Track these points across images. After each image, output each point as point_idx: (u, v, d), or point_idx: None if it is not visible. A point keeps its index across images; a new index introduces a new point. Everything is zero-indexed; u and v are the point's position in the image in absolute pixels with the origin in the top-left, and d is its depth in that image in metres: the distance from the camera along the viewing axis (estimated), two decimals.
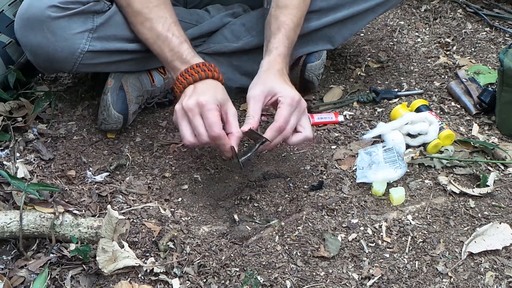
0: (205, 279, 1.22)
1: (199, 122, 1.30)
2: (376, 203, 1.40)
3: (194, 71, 1.36)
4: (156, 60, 1.60)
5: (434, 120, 1.53)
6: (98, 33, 1.44)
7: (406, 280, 1.23)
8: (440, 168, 1.49)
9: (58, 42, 1.40)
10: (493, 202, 1.41)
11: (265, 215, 1.38)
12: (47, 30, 1.39)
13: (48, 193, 1.33)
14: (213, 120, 1.29)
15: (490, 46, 2.01)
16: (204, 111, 1.30)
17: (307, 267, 1.25)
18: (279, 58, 1.43)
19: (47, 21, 1.38)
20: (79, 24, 1.42)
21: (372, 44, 2.04)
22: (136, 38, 1.49)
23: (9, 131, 1.53)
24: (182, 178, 1.47)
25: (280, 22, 1.48)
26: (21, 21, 1.41)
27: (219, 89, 1.37)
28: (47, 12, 1.37)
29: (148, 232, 1.30)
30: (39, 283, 1.16)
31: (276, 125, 1.33)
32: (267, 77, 1.40)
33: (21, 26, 1.41)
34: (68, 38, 1.41)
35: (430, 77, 1.86)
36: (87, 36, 1.43)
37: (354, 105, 1.75)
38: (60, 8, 1.38)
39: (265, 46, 1.48)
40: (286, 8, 1.50)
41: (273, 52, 1.44)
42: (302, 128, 1.38)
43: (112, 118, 1.52)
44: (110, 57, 1.49)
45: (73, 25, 1.41)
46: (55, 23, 1.38)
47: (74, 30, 1.41)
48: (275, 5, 1.51)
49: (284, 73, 1.42)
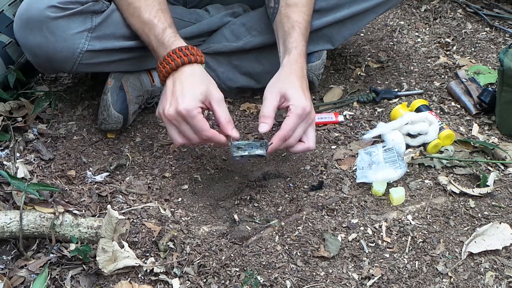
0: (205, 279, 1.22)
1: (185, 127, 1.30)
2: (376, 203, 1.40)
3: (174, 57, 1.33)
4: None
5: (434, 120, 1.53)
6: (97, 32, 1.44)
7: (406, 280, 1.23)
8: (440, 168, 1.49)
9: (57, 42, 1.40)
10: (493, 202, 1.41)
11: (265, 215, 1.38)
12: (47, 30, 1.39)
13: (48, 193, 1.33)
14: (199, 125, 1.29)
15: (490, 46, 2.01)
16: (188, 120, 1.29)
17: (307, 267, 1.25)
18: (300, 57, 1.43)
19: (46, 21, 1.38)
20: (78, 24, 1.42)
21: (372, 44, 2.04)
22: (134, 36, 1.50)
23: (9, 131, 1.53)
24: (182, 178, 1.47)
25: (293, 21, 1.47)
26: (20, 21, 1.41)
27: (197, 78, 1.33)
28: (47, 13, 1.37)
29: (148, 232, 1.30)
30: (39, 283, 1.16)
31: (282, 133, 1.33)
32: (286, 78, 1.39)
33: (20, 26, 1.41)
34: (67, 38, 1.41)
35: (430, 77, 1.86)
36: (86, 36, 1.43)
37: (354, 105, 1.75)
38: (59, 8, 1.38)
39: (281, 45, 1.47)
40: (296, 6, 1.50)
41: (293, 51, 1.43)
42: (307, 138, 1.38)
43: (112, 118, 1.52)
44: (109, 56, 1.49)
45: (72, 25, 1.41)
46: (54, 23, 1.39)
47: (73, 30, 1.41)
48: (284, 4, 1.50)
49: (303, 75, 1.41)
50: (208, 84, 1.34)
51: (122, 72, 1.55)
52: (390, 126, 1.54)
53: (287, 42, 1.45)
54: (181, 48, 1.34)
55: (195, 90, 1.31)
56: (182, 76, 1.33)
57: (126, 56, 1.52)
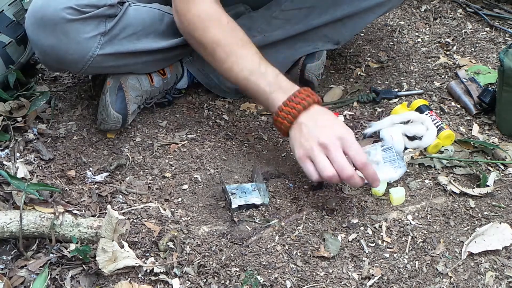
0: (205, 279, 1.22)
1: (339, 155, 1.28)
2: (376, 203, 1.40)
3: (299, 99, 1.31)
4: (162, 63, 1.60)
5: (431, 127, 1.53)
6: (109, 36, 1.44)
7: (406, 280, 1.23)
8: (440, 168, 1.49)
9: (70, 44, 1.39)
10: (493, 202, 1.41)
11: (265, 215, 1.37)
12: (60, 32, 1.37)
13: (48, 193, 1.33)
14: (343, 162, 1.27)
15: (490, 46, 2.01)
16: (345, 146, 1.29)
17: (307, 267, 1.25)
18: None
19: (61, 23, 1.36)
20: (92, 27, 1.41)
21: (372, 44, 2.04)
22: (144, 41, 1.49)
23: (9, 131, 1.53)
24: (182, 178, 1.47)
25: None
26: (34, 19, 1.38)
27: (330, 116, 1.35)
28: (63, 14, 1.35)
29: (148, 232, 1.30)
30: (39, 283, 1.16)
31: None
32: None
33: (33, 23, 1.39)
34: (80, 41, 1.40)
35: (430, 77, 1.86)
36: (99, 40, 1.42)
37: (354, 105, 1.75)
38: (76, 11, 1.37)
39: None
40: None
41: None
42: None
43: (111, 118, 1.52)
44: (119, 60, 1.49)
45: (86, 28, 1.40)
46: (69, 25, 1.37)
47: (87, 33, 1.40)
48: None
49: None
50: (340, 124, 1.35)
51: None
52: (389, 120, 1.54)
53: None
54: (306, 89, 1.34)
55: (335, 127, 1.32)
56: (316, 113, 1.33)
57: (134, 61, 1.52)
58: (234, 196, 1.38)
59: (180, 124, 1.64)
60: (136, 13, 1.50)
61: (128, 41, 1.48)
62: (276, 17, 1.65)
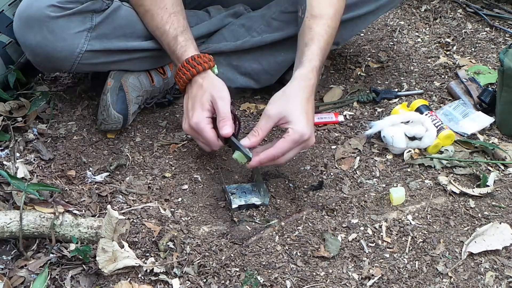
0: (205, 279, 1.22)
1: (201, 138, 1.40)
2: (376, 203, 1.40)
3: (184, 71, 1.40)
4: (156, 60, 1.60)
5: (431, 127, 1.53)
6: (96, 32, 1.44)
7: (406, 280, 1.23)
8: (440, 168, 1.49)
9: (57, 41, 1.40)
10: (493, 202, 1.41)
11: (265, 215, 1.37)
12: (46, 30, 1.38)
13: (48, 193, 1.33)
14: (206, 137, 1.38)
15: (490, 46, 2.01)
16: (198, 133, 1.39)
17: (307, 267, 1.25)
18: (312, 73, 1.37)
19: (46, 21, 1.38)
20: (78, 23, 1.42)
21: (372, 44, 2.04)
22: (135, 36, 1.49)
23: (9, 131, 1.53)
24: (182, 178, 1.47)
25: (314, 33, 1.42)
26: (20, 20, 1.41)
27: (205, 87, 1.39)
28: (46, 12, 1.37)
29: (148, 232, 1.30)
30: (39, 283, 1.16)
31: (272, 152, 1.31)
32: (292, 98, 1.34)
33: (20, 25, 1.41)
34: (66, 38, 1.41)
35: (430, 77, 1.86)
36: (85, 36, 1.43)
37: (354, 105, 1.75)
38: (59, 8, 1.38)
39: (298, 58, 1.43)
40: (321, 18, 1.44)
41: (306, 65, 1.37)
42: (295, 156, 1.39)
43: (111, 118, 1.52)
44: (109, 56, 1.49)
45: (71, 24, 1.41)
46: (54, 22, 1.38)
47: (73, 29, 1.41)
48: (309, 15, 1.45)
49: (311, 94, 1.36)
50: (212, 89, 1.38)
51: (122, 72, 1.55)
52: (389, 120, 1.54)
53: (303, 54, 1.40)
54: (188, 60, 1.40)
55: (202, 100, 1.38)
56: (193, 88, 1.41)
57: (126, 57, 1.52)
58: (234, 196, 1.39)
59: (180, 124, 1.64)
60: (128, 14, 1.50)
61: (118, 39, 1.49)
62: (275, 18, 1.64)
